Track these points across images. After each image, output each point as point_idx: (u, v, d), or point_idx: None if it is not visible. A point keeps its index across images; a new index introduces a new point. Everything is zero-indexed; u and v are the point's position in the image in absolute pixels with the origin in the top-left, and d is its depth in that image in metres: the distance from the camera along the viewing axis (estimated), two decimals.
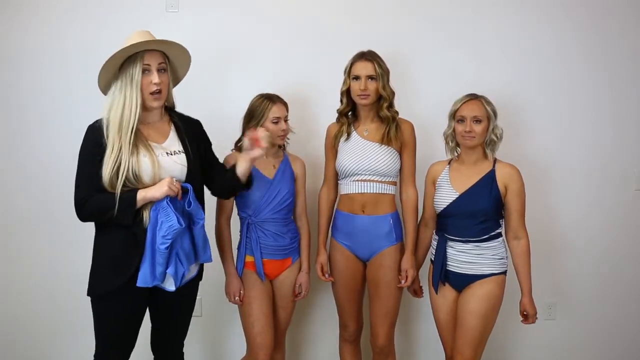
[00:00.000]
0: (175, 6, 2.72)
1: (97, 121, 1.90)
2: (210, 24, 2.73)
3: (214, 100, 2.75)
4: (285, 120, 2.31)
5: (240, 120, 2.40)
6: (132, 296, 1.90)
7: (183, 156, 1.97)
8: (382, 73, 2.27)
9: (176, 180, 1.90)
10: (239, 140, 2.36)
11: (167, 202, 1.85)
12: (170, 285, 1.91)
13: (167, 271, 1.88)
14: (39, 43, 2.72)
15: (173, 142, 1.98)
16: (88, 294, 1.94)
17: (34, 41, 2.72)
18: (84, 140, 1.89)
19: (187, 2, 2.72)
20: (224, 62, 2.75)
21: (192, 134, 2.04)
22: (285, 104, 2.33)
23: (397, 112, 2.31)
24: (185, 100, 2.69)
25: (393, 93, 2.31)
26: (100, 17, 2.69)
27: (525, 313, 2.21)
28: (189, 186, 1.92)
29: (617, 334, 2.88)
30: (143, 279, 1.85)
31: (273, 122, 2.27)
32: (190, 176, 1.96)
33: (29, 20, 2.72)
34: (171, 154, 1.94)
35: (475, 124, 2.14)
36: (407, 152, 2.34)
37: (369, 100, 2.28)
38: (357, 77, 2.28)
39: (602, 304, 2.86)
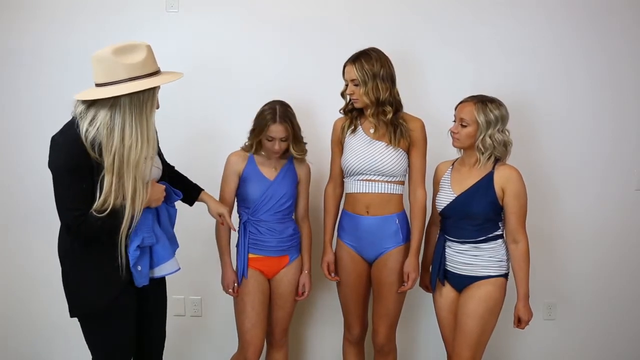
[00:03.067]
0: (175, 6, 2.72)
1: (74, 135, 1.70)
2: (210, 24, 2.73)
3: (214, 101, 2.75)
4: (283, 140, 2.25)
5: (240, 121, 2.40)
6: (126, 301, 1.86)
7: (157, 158, 1.95)
8: (364, 78, 2.18)
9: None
10: (253, 144, 2.31)
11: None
12: (169, 269, 1.94)
13: (167, 260, 1.92)
14: (39, 43, 2.72)
15: None
16: (82, 312, 1.81)
17: (34, 41, 2.72)
18: (67, 155, 1.70)
19: (187, 2, 2.72)
20: (224, 62, 2.74)
21: None
22: (285, 124, 2.23)
23: (389, 114, 2.20)
24: (185, 102, 2.72)
25: (379, 97, 2.19)
26: (101, 17, 2.69)
27: (519, 318, 2.17)
28: (166, 184, 1.96)
29: (617, 334, 2.87)
30: (138, 280, 1.85)
31: (268, 140, 2.25)
32: (163, 176, 1.98)
33: (29, 20, 2.72)
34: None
35: (461, 126, 2.13)
36: (416, 151, 2.28)
37: (359, 104, 2.25)
38: (346, 82, 2.27)
39: (602, 304, 2.86)
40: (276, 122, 2.22)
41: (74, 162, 1.69)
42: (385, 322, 2.33)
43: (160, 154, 2.08)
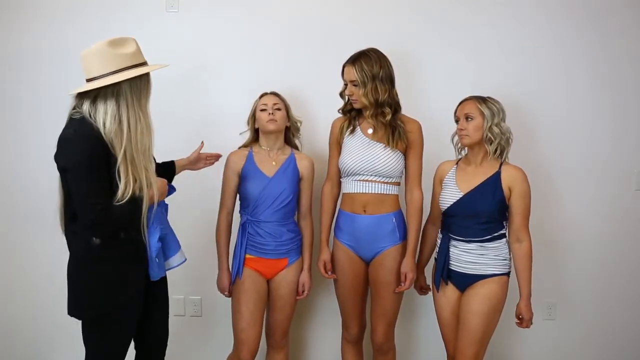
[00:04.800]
0: (175, 6, 2.72)
1: (89, 130, 1.72)
2: (210, 24, 2.73)
3: (214, 100, 2.75)
4: (278, 109, 2.34)
5: (239, 121, 2.40)
6: (137, 300, 1.87)
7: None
8: (363, 79, 2.19)
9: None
10: (251, 133, 2.42)
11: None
12: (179, 260, 2.01)
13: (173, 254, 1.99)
14: (39, 43, 2.72)
15: None
16: (86, 315, 1.81)
17: (34, 41, 2.72)
18: (84, 152, 1.69)
19: (187, 2, 2.72)
20: (223, 62, 2.74)
21: None
22: (276, 95, 2.40)
23: (388, 115, 2.21)
24: (185, 102, 2.72)
25: (378, 98, 2.20)
26: (101, 17, 2.69)
27: (520, 317, 2.20)
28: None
29: (617, 334, 2.87)
30: (156, 273, 1.90)
31: (261, 110, 2.35)
32: (157, 171, 2.00)
33: (29, 20, 2.72)
34: None
35: (467, 121, 2.15)
36: (413, 153, 2.29)
37: (358, 105, 2.26)
38: (345, 82, 2.28)
39: (602, 304, 2.86)
40: (266, 94, 2.39)
41: (92, 157, 1.71)
42: (384, 321, 2.33)
43: None
